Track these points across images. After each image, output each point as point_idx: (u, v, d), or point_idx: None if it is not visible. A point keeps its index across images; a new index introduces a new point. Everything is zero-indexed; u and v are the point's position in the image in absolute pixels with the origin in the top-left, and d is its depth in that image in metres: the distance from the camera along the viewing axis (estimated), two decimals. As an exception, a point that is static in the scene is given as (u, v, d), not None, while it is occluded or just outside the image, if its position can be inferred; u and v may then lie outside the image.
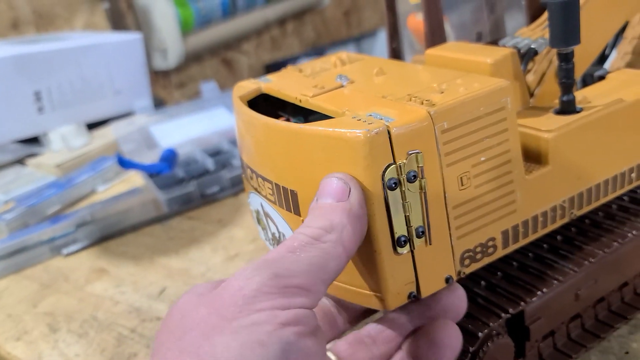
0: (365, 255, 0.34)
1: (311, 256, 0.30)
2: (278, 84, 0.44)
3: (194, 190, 0.79)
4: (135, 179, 0.91)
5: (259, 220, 0.44)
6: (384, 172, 0.32)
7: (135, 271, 0.67)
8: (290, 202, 0.38)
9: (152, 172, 0.84)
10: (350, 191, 0.32)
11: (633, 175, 0.44)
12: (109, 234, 0.76)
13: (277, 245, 0.42)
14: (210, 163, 0.85)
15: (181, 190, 0.79)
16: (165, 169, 0.84)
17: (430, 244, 0.35)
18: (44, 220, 0.79)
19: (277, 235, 0.41)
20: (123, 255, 0.72)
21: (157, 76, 1.49)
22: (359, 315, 0.40)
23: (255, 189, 0.42)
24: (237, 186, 0.81)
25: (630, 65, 0.52)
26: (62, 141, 1.02)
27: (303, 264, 0.30)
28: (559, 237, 0.44)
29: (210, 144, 0.93)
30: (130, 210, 0.78)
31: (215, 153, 0.90)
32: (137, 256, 0.71)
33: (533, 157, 0.40)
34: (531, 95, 0.47)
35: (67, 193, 0.86)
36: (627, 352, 0.44)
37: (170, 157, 0.86)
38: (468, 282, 0.41)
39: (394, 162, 0.33)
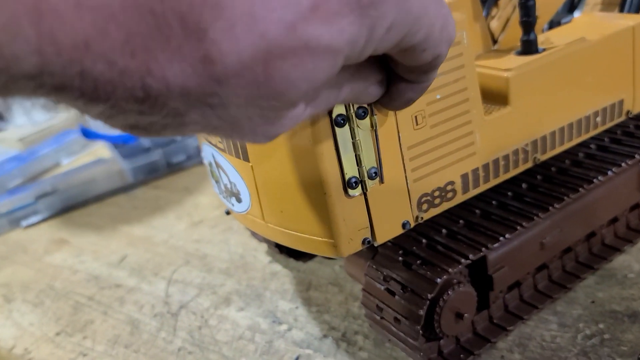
0: (315, 199, 0.33)
1: None
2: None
3: (160, 159, 0.77)
4: (102, 151, 0.88)
5: (212, 173, 0.42)
6: (331, 107, 0.30)
7: (97, 240, 0.65)
8: (238, 147, 0.36)
9: (117, 142, 0.82)
10: None
11: (598, 119, 0.42)
12: (72, 204, 0.73)
13: (230, 197, 0.40)
14: (176, 132, 0.83)
15: (146, 159, 0.77)
16: (131, 138, 0.81)
17: (382, 182, 0.33)
18: (3, 193, 0.77)
19: (229, 186, 0.39)
20: (86, 225, 0.69)
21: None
22: None
23: (207, 139, 0.40)
24: (204, 155, 0.79)
25: (598, 13, 0.51)
26: (25, 115, 0.99)
27: None
28: (524, 185, 0.42)
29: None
30: (94, 181, 0.75)
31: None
32: (100, 226, 0.68)
33: (493, 98, 0.38)
34: (495, 41, 0.45)
35: (29, 166, 0.83)
36: (592, 302, 0.43)
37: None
38: (428, 229, 0.39)
39: (342, 97, 0.31)
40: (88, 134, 0.84)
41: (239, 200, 0.38)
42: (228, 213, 0.43)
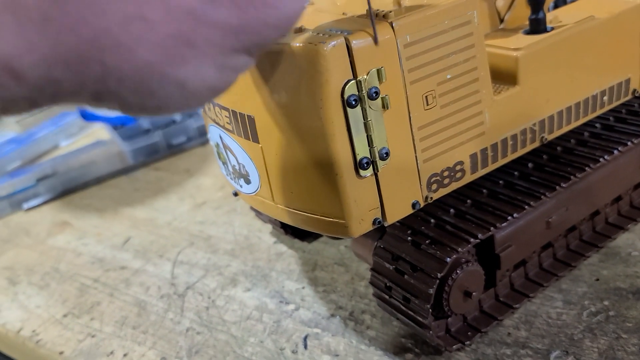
0: (326, 179, 0.33)
1: None
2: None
3: (160, 141, 0.77)
4: (101, 133, 0.88)
5: (219, 155, 0.42)
6: (344, 88, 0.30)
7: (99, 223, 0.65)
8: (247, 128, 0.36)
9: (116, 124, 0.81)
10: None
11: (605, 98, 0.43)
12: (72, 187, 0.73)
13: (238, 179, 0.40)
14: (176, 113, 0.82)
15: (146, 140, 0.76)
16: (130, 120, 0.81)
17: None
18: (3, 175, 0.76)
19: (237, 167, 0.39)
20: (87, 207, 0.69)
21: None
22: None
23: (214, 120, 0.39)
24: (204, 135, 0.79)
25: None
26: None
27: None
28: (530, 165, 0.42)
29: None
30: (94, 163, 0.75)
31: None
32: (102, 208, 0.68)
33: (502, 77, 0.38)
34: (501, 21, 0.45)
35: (28, 148, 0.83)
36: (597, 279, 0.43)
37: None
38: (436, 209, 0.39)
39: (354, 78, 0.31)
40: (86, 116, 0.83)
41: (247, 182, 0.39)
42: (236, 194, 0.43)
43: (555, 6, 0.48)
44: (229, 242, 0.56)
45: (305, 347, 0.42)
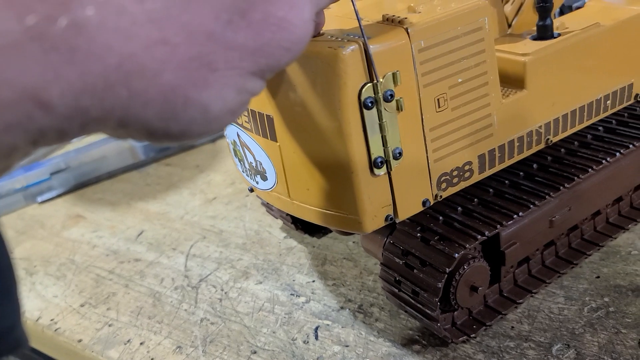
0: (342, 177, 0.34)
1: None
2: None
3: (171, 137, 0.78)
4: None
5: (235, 152, 0.43)
6: (361, 90, 0.32)
7: (113, 216, 0.67)
8: (266, 128, 0.37)
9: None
10: None
11: (608, 103, 0.44)
12: (84, 181, 0.75)
13: (254, 175, 0.41)
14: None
15: (157, 136, 0.78)
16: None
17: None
18: (17, 168, 0.78)
19: (254, 164, 0.41)
20: (100, 201, 0.71)
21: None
22: None
23: (231, 119, 0.41)
24: (214, 132, 0.80)
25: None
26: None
27: None
28: (534, 165, 0.44)
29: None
30: (106, 158, 0.77)
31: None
32: (114, 202, 0.70)
33: (510, 81, 0.40)
34: (509, 26, 0.46)
35: (40, 142, 0.84)
36: (598, 277, 0.45)
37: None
38: (444, 207, 0.41)
39: (371, 81, 0.32)
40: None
41: (264, 179, 0.40)
42: (252, 190, 0.44)
43: (561, 13, 0.50)
44: (240, 237, 0.58)
45: (316, 337, 0.44)
